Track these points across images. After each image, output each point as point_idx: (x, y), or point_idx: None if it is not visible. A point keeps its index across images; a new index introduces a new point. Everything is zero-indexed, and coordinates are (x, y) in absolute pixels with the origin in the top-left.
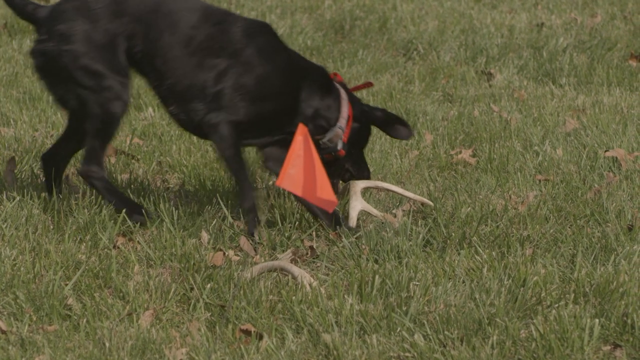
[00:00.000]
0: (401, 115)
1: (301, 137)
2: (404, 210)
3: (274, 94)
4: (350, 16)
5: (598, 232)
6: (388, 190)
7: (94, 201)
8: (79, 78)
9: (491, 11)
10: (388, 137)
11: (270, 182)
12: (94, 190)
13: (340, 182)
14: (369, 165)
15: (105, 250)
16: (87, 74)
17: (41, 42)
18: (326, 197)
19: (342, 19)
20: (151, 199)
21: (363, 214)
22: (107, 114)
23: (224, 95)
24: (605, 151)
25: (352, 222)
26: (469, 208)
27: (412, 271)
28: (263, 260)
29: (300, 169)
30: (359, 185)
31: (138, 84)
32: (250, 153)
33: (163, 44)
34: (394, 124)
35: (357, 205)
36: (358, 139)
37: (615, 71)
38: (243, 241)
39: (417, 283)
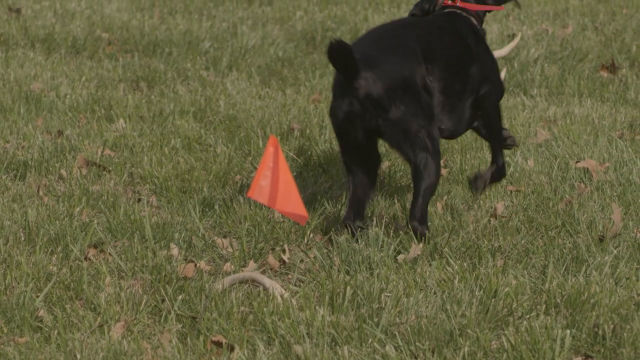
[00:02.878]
0: None
1: (272, 148)
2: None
3: None
4: (322, 27)
5: (569, 243)
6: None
7: (65, 212)
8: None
9: None
10: None
11: (243, 193)
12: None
13: None
14: None
15: (77, 261)
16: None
17: None
18: (297, 212)
19: (313, 30)
20: (122, 211)
21: None
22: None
23: None
24: (577, 162)
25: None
26: (441, 219)
27: (383, 282)
28: (234, 272)
29: (270, 180)
30: None
31: (110, 95)
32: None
33: None
34: None
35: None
36: None
37: (586, 82)
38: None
39: (388, 294)
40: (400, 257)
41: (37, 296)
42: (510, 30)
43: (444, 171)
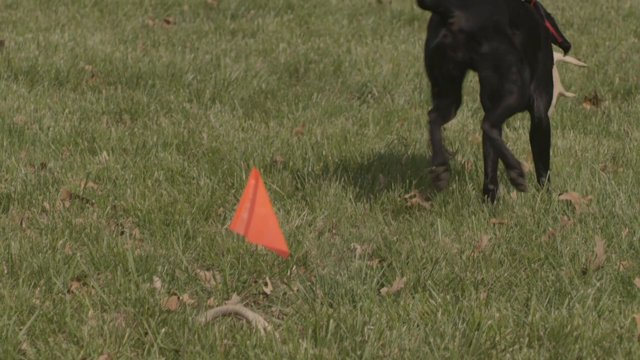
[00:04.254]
0: (355, 159)
1: (253, 180)
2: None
3: None
4: (305, 59)
5: (552, 275)
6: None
7: (48, 245)
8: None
9: None
10: (344, 181)
11: (225, 226)
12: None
13: None
14: None
15: (60, 294)
16: None
17: None
18: (277, 246)
19: (296, 62)
20: (105, 243)
21: None
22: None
23: None
24: (560, 194)
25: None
26: (424, 252)
27: (366, 315)
28: (217, 304)
29: (251, 213)
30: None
31: (93, 127)
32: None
33: None
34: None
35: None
36: None
37: (569, 114)
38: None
39: (371, 327)
40: (384, 290)
41: (20, 329)
42: None
43: (426, 204)
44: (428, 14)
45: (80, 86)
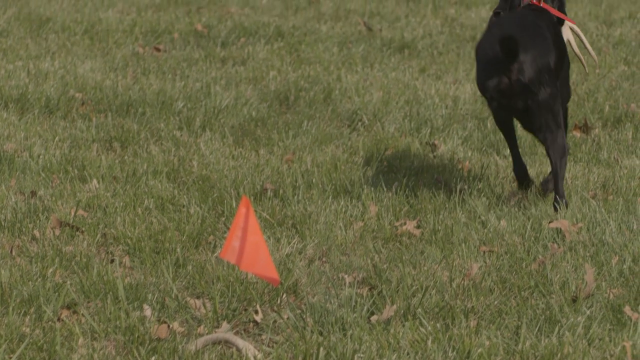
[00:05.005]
0: (346, 187)
1: (244, 209)
2: None
3: None
4: (295, 87)
5: (542, 303)
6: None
7: (38, 273)
8: None
9: (436, 82)
10: (333, 208)
11: (215, 254)
12: None
13: None
14: None
15: (50, 323)
16: None
17: None
18: (268, 274)
19: (286, 90)
20: (95, 271)
21: None
22: None
23: None
24: (550, 222)
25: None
26: (414, 279)
27: (356, 343)
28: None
29: (242, 242)
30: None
31: (83, 155)
32: None
33: None
34: None
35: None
36: None
37: None
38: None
39: (361, 355)
40: (374, 318)
41: (10, 357)
42: None
43: (417, 232)
44: (418, 43)
45: (70, 114)
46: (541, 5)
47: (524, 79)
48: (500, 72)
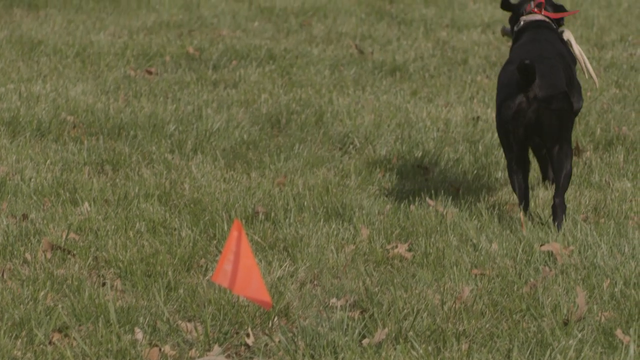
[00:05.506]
0: (337, 210)
1: (236, 232)
2: None
3: None
4: (287, 110)
5: (534, 326)
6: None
7: (29, 296)
8: None
9: (427, 105)
10: (325, 231)
11: (207, 277)
12: None
13: None
14: None
15: (41, 346)
16: None
17: None
18: (260, 297)
19: (278, 113)
20: (87, 295)
21: None
22: None
23: None
24: (541, 245)
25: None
26: (405, 302)
27: None
28: (199, 356)
29: (233, 265)
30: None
31: (74, 178)
32: None
33: None
34: None
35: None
36: None
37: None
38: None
39: None
40: (365, 341)
41: None
42: (474, 113)
43: (408, 255)
44: (409, 66)
45: (62, 137)
46: (542, 13)
47: (540, 95)
48: (519, 92)
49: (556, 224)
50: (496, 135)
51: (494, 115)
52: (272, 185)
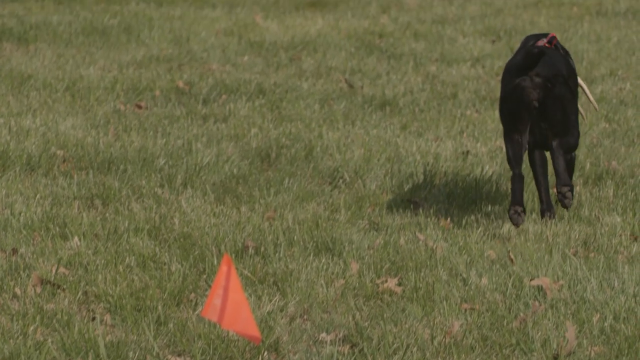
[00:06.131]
0: (327, 245)
1: (225, 267)
2: None
3: None
4: (277, 144)
5: None
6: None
7: (19, 331)
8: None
9: (417, 139)
10: (314, 265)
11: (197, 312)
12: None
13: None
14: None
15: None
16: None
17: None
18: (249, 332)
19: (268, 147)
20: (77, 329)
21: None
22: None
23: None
24: (531, 280)
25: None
26: (395, 337)
27: None
28: None
29: (223, 300)
30: None
31: (64, 213)
32: None
33: None
34: None
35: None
36: None
37: None
38: None
39: None
40: None
41: None
42: (464, 148)
43: (398, 289)
44: (399, 100)
45: (51, 171)
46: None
47: (541, 75)
48: (522, 75)
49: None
50: (485, 169)
51: (483, 149)
52: (262, 219)
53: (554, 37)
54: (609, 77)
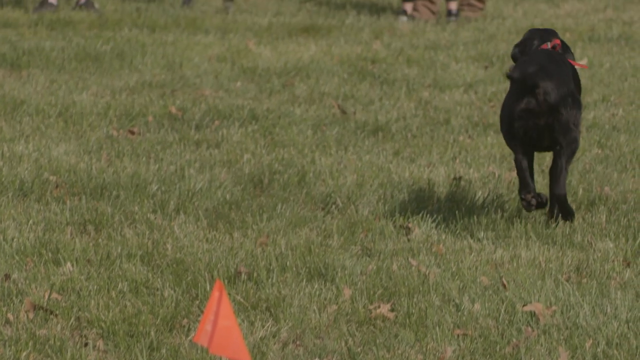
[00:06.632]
0: (320, 270)
1: (217, 292)
2: None
3: None
4: (269, 170)
5: None
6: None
7: (11, 357)
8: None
9: (410, 165)
10: (307, 291)
11: (189, 337)
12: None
13: None
14: None
15: None
16: None
17: None
18: (240, 358)
19: (261, 173)
20: (69, 355)
21: None
22: None
23: None
24: (524, 306)
25: None
26: None
27: None
28: None
29: (215, 325)
30: None
31: (57, 238)
32: None
33: None
34: None
35: None
36: None
37: (533, 225)
38: None
39: None
40: None
41: None
42: (457, 173)
43: (391, 315)
44: (392, 126)
45: (44, 197)
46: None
47: (550, 100)
48: (527, 96)
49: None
50: (478, 195)
51: (476, 175)
52: (255, 245)
53: (557, 44)
54: (601, 103)
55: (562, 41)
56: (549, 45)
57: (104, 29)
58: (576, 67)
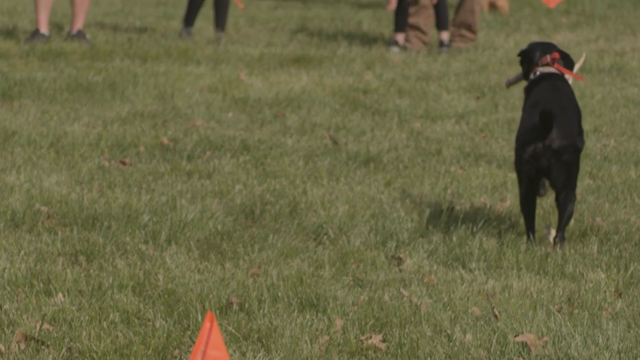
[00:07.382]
0: (311, 301)
1: (208, 323)
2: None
3: None
4: (261, 201)
5: None
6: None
7: None
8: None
9: (401, 195)
10: (299, 322)
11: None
12: None
13: None
14: None
15: None
16: None
17: None
18: None
19: (252, 204)
20: None
21: None
22: None
23: None
24: (515, 336)
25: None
26: None
27: None
28: None
29: (204, 356)
30: None
31: (48, 269)
32: None
33: None
34: None
35: None
36: None
37: (524, 255)
38: None
39: None
40: None
41: None
42: (448, 204)
43: (382, 345)
44: (383, 156)
45: (36, 227)
46: (555, 66)
47: (554, 146)
48: (537, 139)
49: (558, 247)
50: (469, 226)
51: (467, 205)
52: (246, 275)
53: (555, 59)
54: (593, 134)
55: (561, 51)
56: (548, 58)
57: (95, 60)
58: (571, 78)
